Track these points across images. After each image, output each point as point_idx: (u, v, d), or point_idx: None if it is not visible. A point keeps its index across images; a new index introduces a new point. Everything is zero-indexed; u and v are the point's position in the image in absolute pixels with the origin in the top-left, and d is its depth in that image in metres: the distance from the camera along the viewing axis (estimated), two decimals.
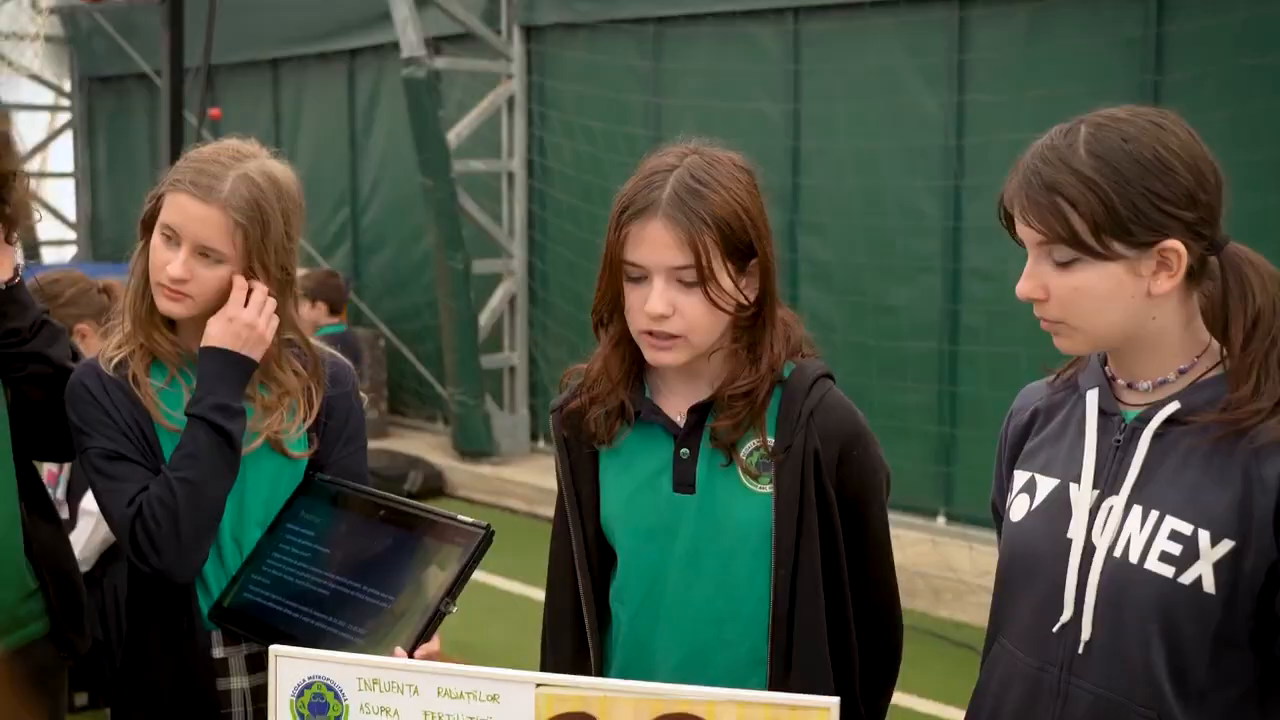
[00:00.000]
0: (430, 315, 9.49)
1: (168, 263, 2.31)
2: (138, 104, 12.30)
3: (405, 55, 8.39)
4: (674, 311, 1.98)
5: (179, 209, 2.30)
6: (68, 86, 13.22)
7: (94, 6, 10.85)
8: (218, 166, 2.32)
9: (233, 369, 2.32)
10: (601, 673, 2.16)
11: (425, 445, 9.38)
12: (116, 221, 12.79)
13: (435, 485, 8.63)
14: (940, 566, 6.47)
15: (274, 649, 1.91)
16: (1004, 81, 6.77)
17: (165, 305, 2.34)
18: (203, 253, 2.31)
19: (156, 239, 2.33)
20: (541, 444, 9.31)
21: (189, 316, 2.36)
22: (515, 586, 6.36)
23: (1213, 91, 5.72)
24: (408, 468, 8.59)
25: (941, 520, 7.09)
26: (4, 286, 2.40)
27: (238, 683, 2.38)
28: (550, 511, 2.28)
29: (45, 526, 2.57)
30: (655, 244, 1.97)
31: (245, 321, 2.31)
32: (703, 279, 1.97)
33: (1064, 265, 1.78)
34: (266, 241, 2.33)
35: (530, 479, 8.52)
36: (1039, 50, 6.66)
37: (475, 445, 8.91)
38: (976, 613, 6.15)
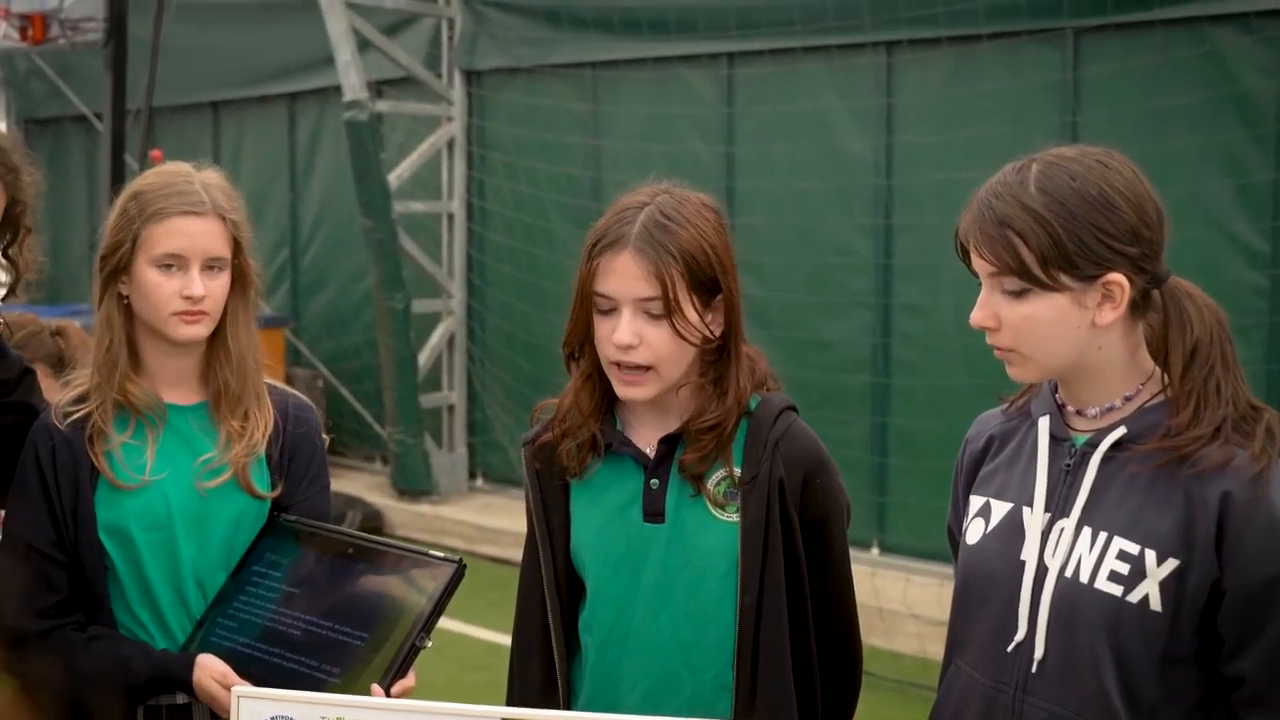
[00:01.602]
0: (369, 355, 9.48)
1: (181, 288, 2.31)
2: (75, 146, 12.20)
3: (348, 98, 8.44)
4: (641, 342, 2.05)
5: (179, 232, 2.32)
6: (3, 128, 13.14)
7: (32, 49, 10.81)
8: (185, 184, 2.36)
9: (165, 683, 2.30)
10: (569, 703, 2.18)
11: (364, 485, 9.34)
12: (52, 264, 12.62)
13: (374, 524, 8.55)
14: (874, 597, 6.57)
15: (235, 689, 1.94)
16: (930, 123, 6.95)
17: (187, 332, 2.34)
18: (210, 266, 2.34)
19: (153, 275, 2.32)
20: (480, 482, 9.32)
21: (204, 337, 2.37)
22: (456, 625, 6.28)
23: (1127, 131, 5.90)
24: (345, 507, 8.48)
25: (875, 551, 7.21)
26: None
27: None
28: (489, 549, 2.34)
29: None
30: (624, 275, 2.05)
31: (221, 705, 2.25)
32: (669, 310, 2.05)
33: (1014, 296, 1.87)
34: (246, 238, 2.40)
35: (469, 517, 8.50)
36: (963, 93, 6.85)
37: (414, 484, 8.90)
38: (910, 643, 6.22)
